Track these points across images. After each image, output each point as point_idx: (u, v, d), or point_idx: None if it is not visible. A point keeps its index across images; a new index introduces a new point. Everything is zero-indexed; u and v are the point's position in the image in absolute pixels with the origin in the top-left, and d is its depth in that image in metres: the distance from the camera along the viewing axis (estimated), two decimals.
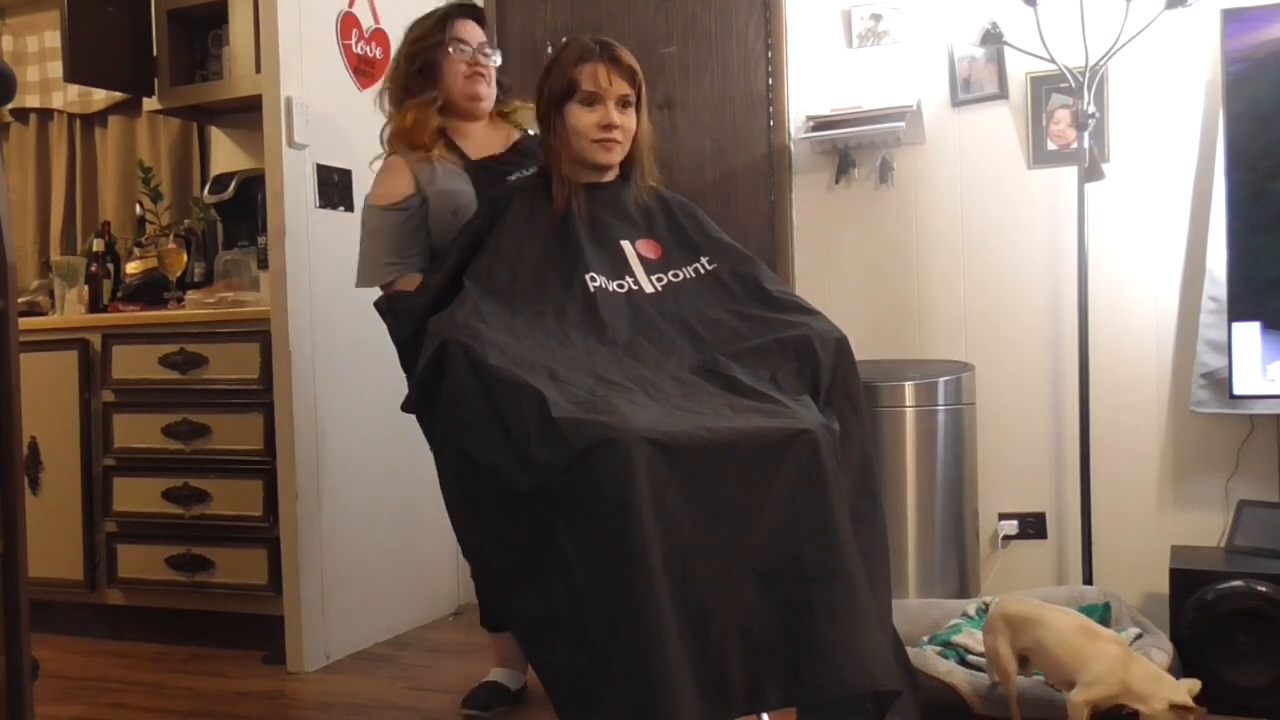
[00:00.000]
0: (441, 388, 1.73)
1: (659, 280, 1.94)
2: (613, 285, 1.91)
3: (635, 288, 1.92)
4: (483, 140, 2.34)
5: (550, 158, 2.02)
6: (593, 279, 1.89)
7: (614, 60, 1.96)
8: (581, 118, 1.95)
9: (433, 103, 2.27)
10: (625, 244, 1.97)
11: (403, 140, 2.27)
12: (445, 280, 1.94)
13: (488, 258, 1.92)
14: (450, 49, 2.29)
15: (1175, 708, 1.87)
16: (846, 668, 1.52)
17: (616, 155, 2.00)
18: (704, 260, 1.98)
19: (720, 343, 1.85)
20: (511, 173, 2.25)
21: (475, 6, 2.40)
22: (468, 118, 2.34)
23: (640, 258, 1.97)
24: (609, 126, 1.95)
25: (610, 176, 2.04)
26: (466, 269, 1.93)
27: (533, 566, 1.61)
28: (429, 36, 2.30)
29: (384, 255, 2.22)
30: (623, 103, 1.97)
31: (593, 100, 1.95)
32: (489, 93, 2.34)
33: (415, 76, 2.28)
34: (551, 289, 1.88)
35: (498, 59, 2.37)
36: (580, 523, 1.54)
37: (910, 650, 2.23)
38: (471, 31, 2.33)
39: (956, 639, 2.37)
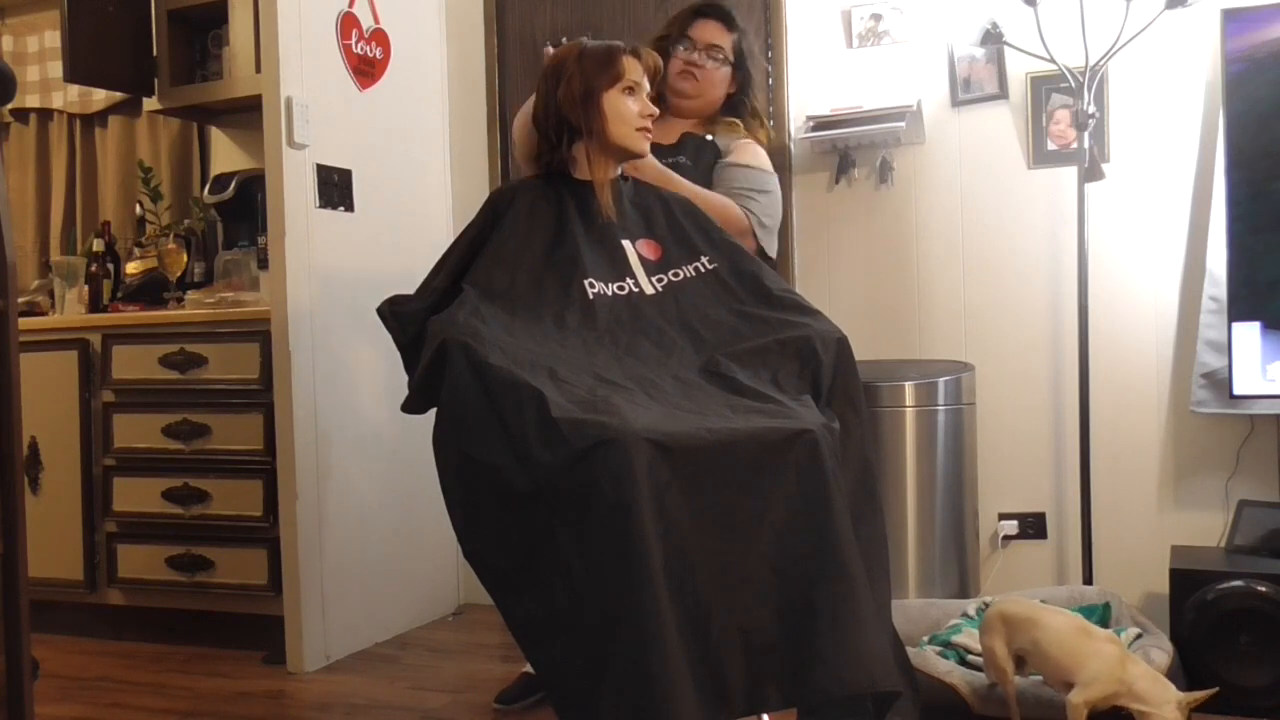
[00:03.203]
0: (441, 387, 1.73)
1: (659, 281, 1.94)
2: (612, 288, 1.91)
3: (635, 290, 1.92)
4: (664, 133, 2.42)
5: (594, 154, 2.00)
6: (591, 285, 1.89)
7: (647, 56, 2.03)
8: (627, 104, 1.98)
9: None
10: (626, 243, 1.97)
11: None
12: (446, 282, 1.94)
13: (487, 260, 1.92)
14: (677, 45, 2.48)
15: (1182, 708, 1.87)
16: (846, 669, 1.51)
17: (648, 147, 2.04)
18: (704, 259, 1.99)
19: (721, 343, 1.85)
20: (668, 157, 2.36)
21: (720, 8, 2.53)
22: (673, 112, 2.49)
23: (641, 258, 1.97)
24: (649, 116, 2.00)
25: (614, 174, 2.05)
26: (467, 271, 1.93)
27: (532, 567, 1.61)
28: (669, 28, 2.53)
29: None
30: (649, 98, 2.03)
31: (634, 89, 1.99)
32: (696, 90, 2.49)
33: None
34: (550, 294, 1.88)
35: (718, 68, 2.49)
36: (580, 523, 1.54)
37: (910, 650, 2.23)
38: (705, 32, 2.49)
39: (956, 639, 2.37)
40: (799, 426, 1.62)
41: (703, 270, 1.97)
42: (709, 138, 2.49)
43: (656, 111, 2.02)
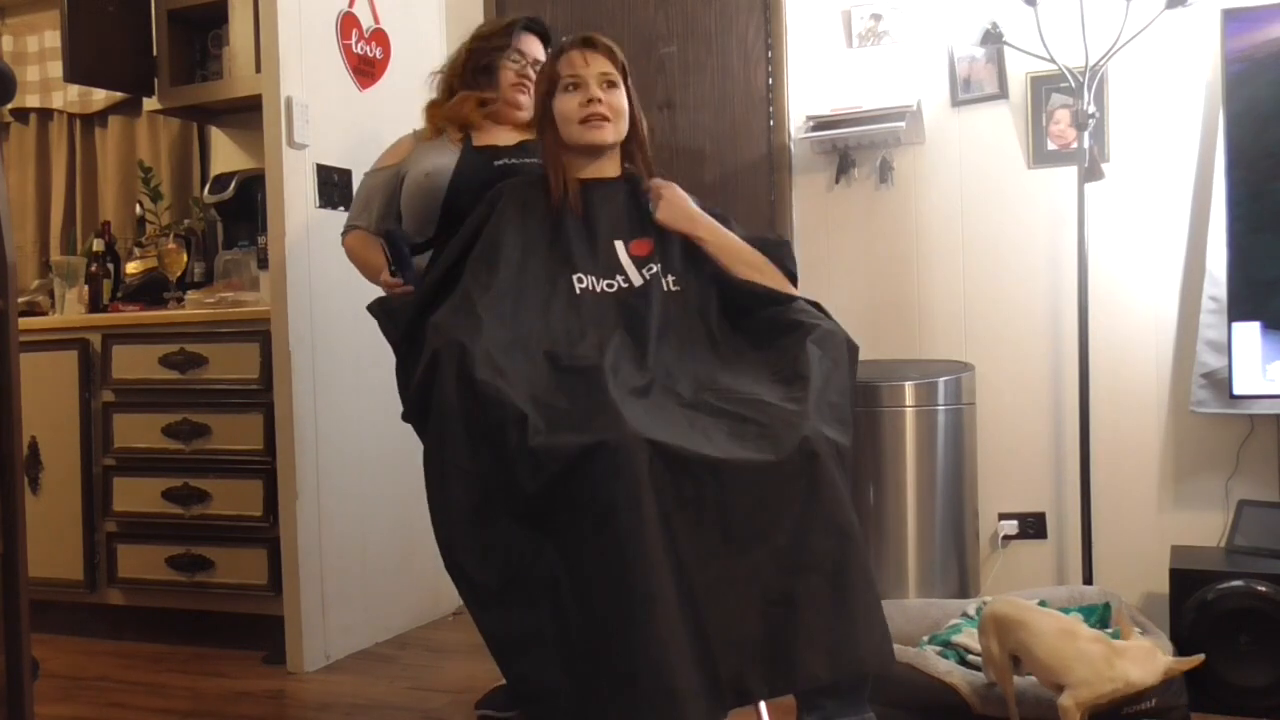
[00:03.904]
0: (432, 398, 1.73)
1: (648, 272, 1.94)
2: (601, 285, 1.91)
3: (625, 285, 1.92)
4: (498, 137, 2.40)
5: (547, 159, 2.03)
6: (580, 280, 1.89)
7: (589, 44, 2.01)
8: (566, 102, 1.97)
9: (490, 101, 2.39)
10: (619, 244, 1.97)
11: (435, 116, 2.44)
12: (439, 277, 1.95)
13: (480, 258, 1.92)
14: (509, 56, 2.41)
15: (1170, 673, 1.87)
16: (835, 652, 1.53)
17: (608, 133, 1.98)
18: (671, 279, 1.96)
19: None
20: (504, 159, 2.31)
21: (543, 26, 2.51)
22: (501, 120, 2.42)
23: (631, 255, 1.97)
24: (591, 101, 1.96)
25: (611, 173, 2.04)
26: (461, 267, 1.93)
27: (518, 582, 1.61)
28: (495, 39, 2.43)
29: (352, 210, 2.47)
30: (607, 82, 1.98)
31: (575, 85, 1.97)
32: (528, 104, 2.42)
33: (475, 73, 2.41)
34: (540, 289, 1.88)
35: None
36: (573, 536, 1.56)
37: (910, 650, 2.24)
38: (532, 46, 2.45)
39: (956, 639, 2.37)
40: (796, 436, 1.61)
41: (669, 289, 1.95)
42: None
43: (597, 98, 1.97)
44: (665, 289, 1.93)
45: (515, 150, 2.36)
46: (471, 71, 2.41)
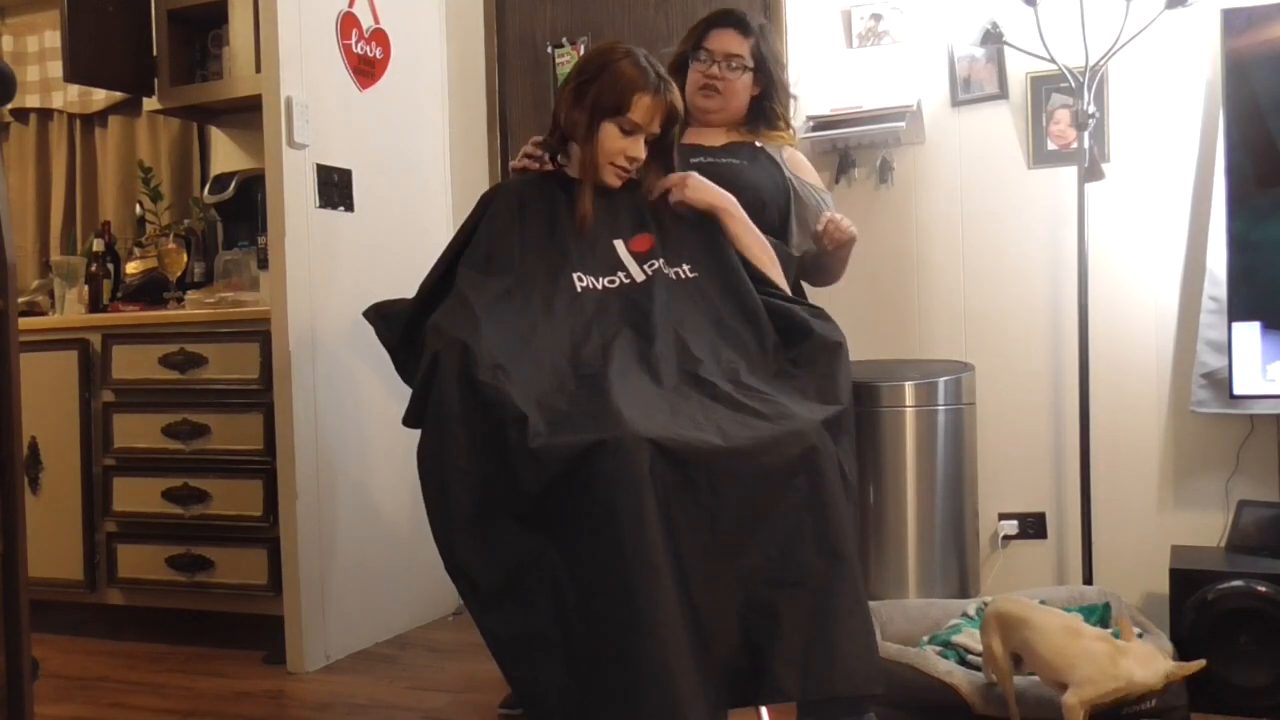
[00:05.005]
0: (431, 400, 1.72)
1: (650, 268, 1.94)
2: (603, 282, 1.91)
3: (626, 280, 1.92)
4: (706, 137, 2.43)
5: (571, 151, 2.03)
6: (580, 279, 1.89)
7: (670, 105, 1.98)
8: (616, 141, 1.96)
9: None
10: (618, 242, 1.97)
11: None
12: (435, 280, 1.95)
13: (475, 259, 1.92)
14: (695, 58, 2.41)
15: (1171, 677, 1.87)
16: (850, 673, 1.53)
17: (619, 185, 2.01)
18: (686, 267, 1.97)
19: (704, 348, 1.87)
20: (699, 158, 2.30)
21: (733, 15, 2.43)
22: (700, 124, 2.44)
23: (632, 252, 1.97)
24: (632, 160, 1.97)
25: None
26: (458, 268, 1.93)
27: (517, 583, 1.61)
28: (684, 43, 2.44)
29: None
30: (646, 140, 1.99)
31: (632, 130, 1.96)
32: (719, 105, 2.42)
33: (672, 72, 2.40)
34: (541, 289, 1.88)
35: (739, 76, 2.41)
36: (575, 537, 1.56)
37: (910, 650, 2.24)
38: (722, 41, 2.39)
39: (956, 639, 2.37)
40: (802, 443, 1.61)
41: (683, 276, 1.96)
42: (758, 144, 2.45)
43: (642, 157, 1.99)
44: (678, 277, 1.93)
45: (718, 150, 2.37)
46: (670, 70, 2.41)
